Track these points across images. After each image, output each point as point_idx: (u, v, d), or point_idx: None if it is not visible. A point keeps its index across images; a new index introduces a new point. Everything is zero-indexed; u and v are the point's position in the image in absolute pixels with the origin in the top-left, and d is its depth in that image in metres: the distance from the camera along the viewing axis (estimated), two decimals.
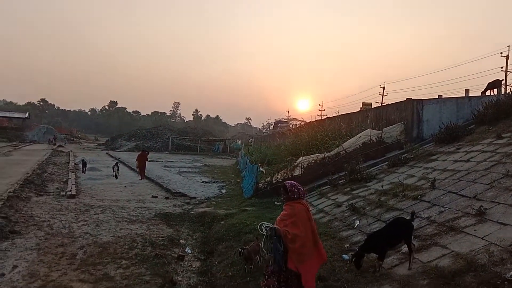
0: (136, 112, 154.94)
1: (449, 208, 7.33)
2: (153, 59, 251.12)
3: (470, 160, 9.96)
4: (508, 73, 40.50)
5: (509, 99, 13.93)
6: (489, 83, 19.02)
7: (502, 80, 19.05)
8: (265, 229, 4.87)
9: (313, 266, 4.81)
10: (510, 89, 23.69)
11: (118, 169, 21.84)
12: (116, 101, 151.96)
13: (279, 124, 51.53)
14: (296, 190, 4.87)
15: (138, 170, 22.41)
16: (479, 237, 5.80)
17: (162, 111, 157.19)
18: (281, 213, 4.93)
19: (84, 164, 23.61)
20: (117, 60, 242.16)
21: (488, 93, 18.39)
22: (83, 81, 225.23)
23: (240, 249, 6.75)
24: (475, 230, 6.08)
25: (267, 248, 4.88)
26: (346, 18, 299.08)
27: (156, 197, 15.62)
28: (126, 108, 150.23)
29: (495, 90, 18.51)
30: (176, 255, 8.37)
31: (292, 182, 5.06)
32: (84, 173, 22.63)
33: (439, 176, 9.51)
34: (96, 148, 61.03)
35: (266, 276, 4.83)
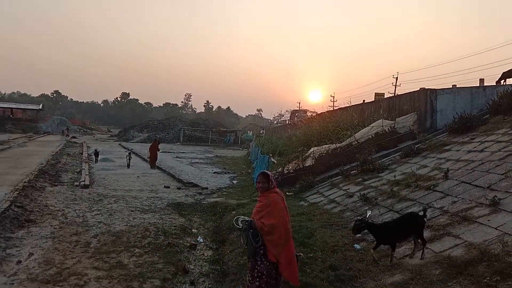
0: (148, 103, 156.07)
1: (462, 198, 7.26)
2: (165, 51, 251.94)
3: (484, 150, 9.83)
4: None
5: None
6: (503, 72, 18.63)
7: None
8: (241, 223, 4.82)
9: (292, 252, 4.72)
10: None
11: (130, 159, 22.50)
12: (128, 93, 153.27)
13: (296, 114, 48.51)
14: (273, 179, 4.90)
15: (148, 159, 23.06)
16: (492, 227, 5.75)
17: (173, 103, 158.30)
18: (257, 204, 4.85)
19: (96, 154, 24.43)
20: (129, 52, 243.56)
21: (502, 82, 18.04)
22: (95, 73, 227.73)
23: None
24: (488, 220, 6.02)
25: (244, 242, 4.83)
26: (359, 7, 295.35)
27: (169, 187, 15.75)
28: (138, 100, 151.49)
29: (510, 79, 18.14)
30: (188, 244, 8.47)
31: (269, 172, 5.03)
32: (97, 162, 23.30)
33: (452, 166, 9.41)
34: (109, 139, 61.57)
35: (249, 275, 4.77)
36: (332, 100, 65.15)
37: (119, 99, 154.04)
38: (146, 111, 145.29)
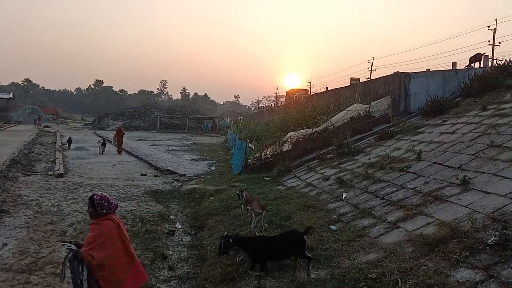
0: (122, 91, 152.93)
1: (434, 179, 7.47)
2: (139, 37, 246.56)
3: (456, 132, 10.10)
4: (495, 46, 40.78)
5: (495, 71, 14.06)
6: (470, 57, 19.17)
7: (484, 53, 19.11)
8: (65, 252, 3.91)
9: (139, 283, 4.11)
10: (496, 62, 23.89)
11: (104, 145, 23.01)
12: (102, 80, 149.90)
13: (296, 95, 40.67)
14: (106, 204, 3.92)
15: (115, 144, 24.21)
16: (463, 206, 5.95)
17: (149, 90, 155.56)
18: (88, 234, 3.98)
19: (70, 141, 25.14)
20: (102, 38, 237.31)
21: (472, 66, 18.55)
22: (68, 60, 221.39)
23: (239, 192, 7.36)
24: (459, 199, 6.22)
25: (62, 277, 3.93)
26: None
27: (145, 175, 15.61)
28: (112, 87, 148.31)
29: (477, 63, 18.67)
30: (166, 230, 8.47)
31: (102, 194, 4.03)
32: (69, 149, 24.08)
33: (425, 148, 9.64)
34: (83, 128, 60.38)
35: None
36: (309, 86, 65.49)
37: (92, 86, 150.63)
38: (121, 98, 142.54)
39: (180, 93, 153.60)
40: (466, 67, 18.45)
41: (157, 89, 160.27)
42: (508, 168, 6.69)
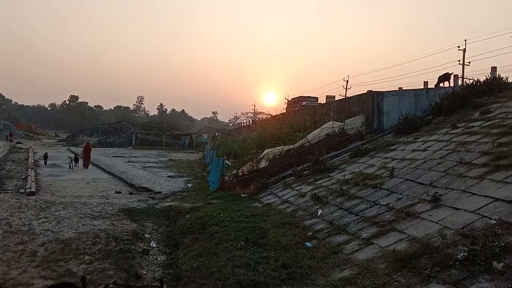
0: (98, 106, 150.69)
1: (406, 195, 7.64)
2: (115, 53, 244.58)
3: (427, 149, 10.39)
4: (464, 66, 42.40)
5: (464, 90, 14.59)
6: (439, 76, 19.86)
7: (452, 73, 19.88)
8: None
9: None
10: (465, 81, 24.81)
11: (72, 161, 23.44)
12: (77, 96, 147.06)
13: (303, 103, 34.64)
14: None
15: (82, 160, 24.50)
16: (434, 222, 6.10)
17: (125, 106, 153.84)
18: None
19: (46, 157, 24.98)
20: (77, 54, 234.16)
21: (441, 85, 19.21)
22: (42, 76, 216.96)
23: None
24: (430, 215, 6.38)
25: None
26: (312, 13, 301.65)
27: (120, 192, 15.36)
28: (87, 103, 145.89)
29: (446, 82, 19.36)
30: (141, 250, 8.33)
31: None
32: (46, 164, 24.05)
33: (397, 165, 9.87)
34: (57, 144, 58.98)
35: None
36: (286, 103, 66.18)
37: (67, 102, 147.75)
38: (96, 114, 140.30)
39: (157, 109, 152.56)
40: (435, 86, 19.09)
41: (134, 105, 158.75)
42: (476, 184, 6.92)
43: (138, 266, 7.37)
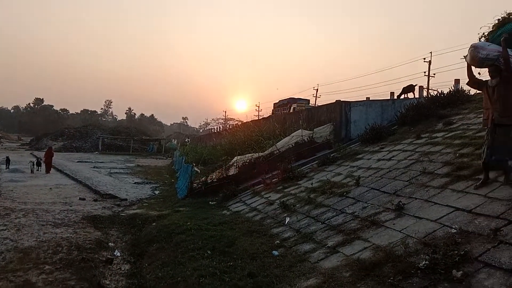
0: (64, 110, 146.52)
1: (371, 204, 7.77)
2: (83, 54, 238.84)
3: (392, 158, 10.63)
4: (430, 77, 43.92)
5: (428, 102, 15.08)
6: (404, 87, 20.52)
7: (416, 84, 20.59)
8: None
9: None
10: (430, 93, 25.70)
11: (34, 165, 23.54)
12: (42, 99, 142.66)
13: (293, 105, 31.48)
14: None
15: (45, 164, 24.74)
16: (397, 230, 6.21)
17: (92, 110, 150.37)
18: None
19: (8, 161, 24.89)
20: (44, 55, 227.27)
21: (403, 96, 19.80)
22: (5, 77, 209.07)
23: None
24: (394, 224, 6.50)
25: None
26: (284, 23, 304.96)
27: (84, 199, 14.93)
28: (53, 106, 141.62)
29: (410, 93, 20.00)
30: (104, 259, 8.10)
31: None
32: (7, 168, 23.92)
33: (363, 174, 10.05)
34: (20, 148, 56.97)
35: None
36: (257, 110, 66.53)
37: (31, 105, 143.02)
38: (62, 118, 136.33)
39: (126, 113, 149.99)
40: (397, 97, 19.66)
41: (101, 109, 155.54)
42: (438, 194, 7.12)
43: (101, 276, 7.16)
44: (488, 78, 6.66)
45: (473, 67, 6.89)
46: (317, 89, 56.46)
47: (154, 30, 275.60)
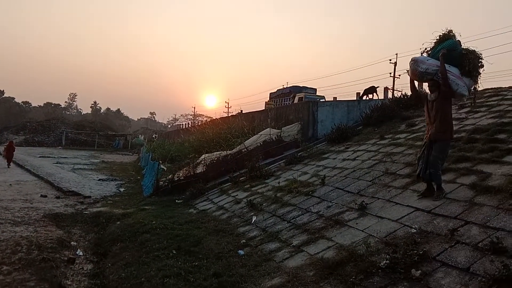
0: (26, 102, 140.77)
1: (336, 203, 7.94)
2: (46, 45, 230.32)
3: (356, 158, 10.88)
4: (395, 78, 45.09)
5: (392, 103, 15.51)
6: (365, 89, 20.91)
7: (378, 86, 20.99)
8: None
9: None
10: (393, 94, 26.41)
11: None
12: (3, 90, 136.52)
13: (299, 95, 27.00)
14: None
15: (5, 158, 25.32)
16: (360, 230, 6.37)
17: (56, 103, 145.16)
18: None
19: None
20: (4, 44, 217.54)
21: (365, 97, 20.18)
22: None
23: None
24: (357, 224, 6.66)
25: None
26: (253, 20, 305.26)
27: (46, 196, 14.49)
28: (14, 98, 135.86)
29: (371, 95, 20.41)
30: (66, 258, 7.88)
31: None
32: None
33: (329, 173, 10.24)
34: None
35: None
36: (227, 106, 66.40)
37: None
38: (23, 111, 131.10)
39: (91, 107, 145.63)
40: (359, 98, 20.00)
41: (65, 102, 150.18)
42: (400, 194, 7.35)
43: (62, 276, 6.98)
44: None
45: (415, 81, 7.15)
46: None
47: (122, 22, 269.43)
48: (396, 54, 44.38)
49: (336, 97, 22.43)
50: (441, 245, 4.98)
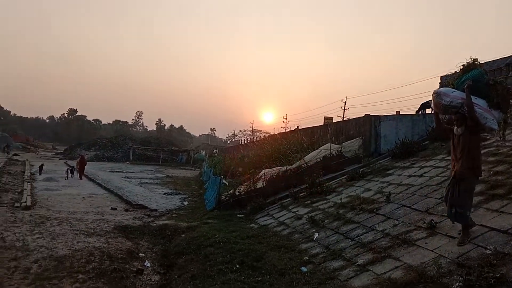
0: (96, 120, 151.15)
1: (402, 222, 7.65)
2: (115, 67, 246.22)
3: (424, 175, 10.43)
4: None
5: None
6: (422, 103, 19.78)
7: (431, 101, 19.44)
8: None
9: None
10: None
11: (68, 172, 25.44)
12: (76, 109, 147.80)
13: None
14: None
15: (77, 172, 26.86)
16: (429, 250, 6.09)
17: (124, 120, 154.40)
18: None
19: (41, 168, 26.95)
20: (77, 66, 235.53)
21: (421, 112, 19.09)
22: (42, 88, 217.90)
23: None
24: (426, 243, 6.38)
25: None
26: (309, 34, 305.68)
27: (116, 209, 15.29)
28: (86, 116, 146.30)
29: (428, 109, 19.28)
30: (135, 269, 8.27)
31: None
32: (40, 175, 25.70)
33: (394, 190, 9.90)
34: (54, 157, 58.90)
35: None
36: (285, 122, 66.59)
37: (66, 115, 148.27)
38: (94, 128, 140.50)
39: (156, 124, 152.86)
40: (417, 112, 18.91)
41: (132, 119, 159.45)
42: (472, 213, 6.93)
43: (132, 286, 7.33)
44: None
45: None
46: (345, 102, 55.93)
47: (183, 42, 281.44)
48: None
49: (399, 111, 21.75)
50: None
